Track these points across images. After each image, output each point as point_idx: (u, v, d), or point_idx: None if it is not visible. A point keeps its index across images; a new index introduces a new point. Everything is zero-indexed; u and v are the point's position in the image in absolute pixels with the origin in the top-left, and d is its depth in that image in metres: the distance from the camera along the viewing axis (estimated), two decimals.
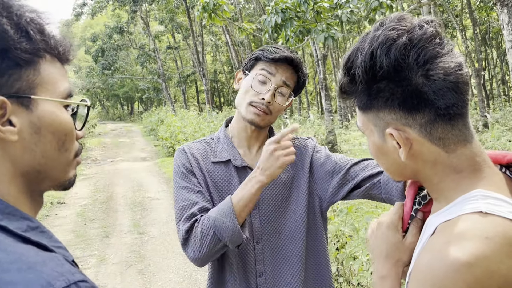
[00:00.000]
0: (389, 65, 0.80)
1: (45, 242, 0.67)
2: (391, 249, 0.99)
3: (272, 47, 1.54)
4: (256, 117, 1.50)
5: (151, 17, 30.91)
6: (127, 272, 5.24)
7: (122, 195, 9.42)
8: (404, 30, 0.81)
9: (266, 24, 5.64)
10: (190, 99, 41.03)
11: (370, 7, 5.37)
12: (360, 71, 0.83)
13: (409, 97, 0.80)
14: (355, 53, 0.86)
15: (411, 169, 0.89)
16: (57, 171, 0.77)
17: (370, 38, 0.83)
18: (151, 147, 18.34)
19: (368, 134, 0.92)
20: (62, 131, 0.75)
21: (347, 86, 0.89)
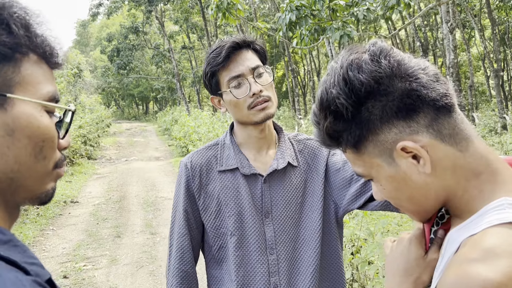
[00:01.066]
0: (368, 78, 0.77)
1: (17, 258, 0.59)
2: (410, 265, 0.89)
3: (212, 54, 1.44)
4: (264, 112, 1.42)
5: (166, 17, 31.05)
6: (138, 273, 5.19)
7: (135, 195, 9.41)
8: (360, 51, 0.81)
9: (280, 22, 5.54)
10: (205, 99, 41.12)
11: (387, 5, 5.24)
12: (342, 99, 0.78)
13: (401, 101, 0.76)
14: (326, 91, 0.81)
15: (435, 189, 0.79)
16: (32, 181, 0.69)
17: (332, 72, 0.82)
18: (165, 147, 18.38)
19: (377, 173, 0.83)
20: (39, 136, 0.67)
21: (334, 127, 0.82)
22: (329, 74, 0.83)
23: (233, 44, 1.41)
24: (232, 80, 1.41)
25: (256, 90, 1.40)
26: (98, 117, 21.25)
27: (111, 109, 33.00)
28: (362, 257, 3.96)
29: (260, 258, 1.43)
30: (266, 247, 1.43)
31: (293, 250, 1.44)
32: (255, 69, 1.42)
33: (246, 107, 1.41)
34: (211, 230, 1.48)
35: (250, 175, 1.46)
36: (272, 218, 1.44)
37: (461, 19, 20.80)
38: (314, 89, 30.20)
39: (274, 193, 1.46)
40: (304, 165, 1.51)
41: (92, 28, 49.48)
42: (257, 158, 1.49)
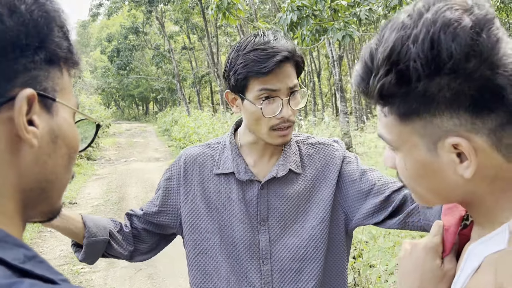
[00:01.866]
0: (461, 53, 0.61)
1: (47, 274, 0.52)
2: (427, 277, 0.81)
3: (254, 54, 1.25)
4: (283, 139, 1.30)
5: (166, 18, 31.01)
6: (136, 276, 5.13)
7: (134, 196, 9.35)
8: (463, 9, 0.62)
9: (282, 22, 5.49)
10: (205, 100, 41.08)
11: (390, 5, 5.18)
12: (419, 64, 0.62)
13: (481, 94, 0.62)
14: (402, 42, 0.64)
15: (463, 190, 0.70)
16: (56, 193, 0.64)
17: (422, 23, 0.63)
18: (165, 148, 18.32)
19: (408, 151, 0.72)
20: (74, 146, 0.64)
21: (391, 88, 0.66)
22: (412, 18, 0.65)
23: (283, 58, 1.24)
24: (266, 92, 1.26)
25: (287, 115, 1.27)
26: (98, 118, 21.22)
27: (111, 110, 32.98)
28: (363, 260, 3.90)
29: (252, 267, 1.34)
30: (260, 256, 1.34)
31: (291, 262, 1.34)
32: (293, 89, 1.28)
33: (268, 126, 1.29)
34: (193, 232, 1.39)
35: (245, 181, 1.37)
36: (268, 227, 1.35)
37: None
38: (314, 90, 30.17)
39: (272, 200, 1.36)
40: (312, 172, 1.40)
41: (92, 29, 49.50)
42: (258, 164, 1.40)
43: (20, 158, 0.56)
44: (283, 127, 1.28)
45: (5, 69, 0.54)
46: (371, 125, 21.77)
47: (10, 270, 0.49)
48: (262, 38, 1.27)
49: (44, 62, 0.59)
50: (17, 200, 0.58)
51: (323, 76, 34.76)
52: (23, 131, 0.54)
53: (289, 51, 1.25)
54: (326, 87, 37.21)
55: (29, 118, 0.56)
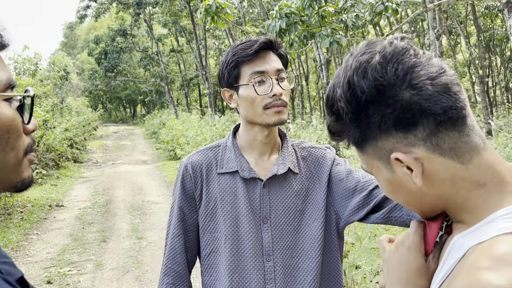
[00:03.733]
0: (370, 87, 0.75)
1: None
2: (412, 275, 0.87)
3: (241, 45, 1.44)
4: (278, 116, 1.40)
5: (154, 20, 30.93)
6: (124, 278, 5.14)
7: (122, 199, 9.33)
8: (375, 51, 0.77)
9: (271, 29, 5.55)
10: (193, 103, 41.00)
11: (376, 11, 5.28)
12: (343, 104, 0.78)
13: (401, 114, 0.74)
14: (333, 88, 0.81)
15: (431, 196, 0.79)
16: (5, 173, 0.68)
17: (343, 69, 0.79)
18: (153, 150, 18.28)
19: (376, 173, 0.83)
20: (3, 129, 0.66)
21: (335, 126, 0.82)
22: (341, 68, 0.81)
23: (266, 41, 1.41)
24: (256, 74, 1.40)
25: (278, 91, 1.39)
26: (85, 120, 21.06)
27: (98, 112, 32.72)
28: (349, 261, 3.97)
29: (256, 264, 1.41)
30: (263, 253, 1.41)
31: (290, 258, 1.42)
32: (279, 72, 1.43)
33: (262, 105, 1.40)
34: (205, 233, 1.46)
35: (249, 179, 1.44)
36: (270, 224, 1.42)
37: (447, 25, 21.07)
38: (302, 94, 30.31)
39: (273, 198, 1.44)
40: (307, 173, 1.49)
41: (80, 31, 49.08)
42: (258, 163, 1.48)
43: None
44: (276, 104, 1.39)
45: None
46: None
47: None
48: (248, 38, 1.46)
49: None
50: None
51: (311, 79, 34.94)
52: None
53: (270, 39, 1.42)
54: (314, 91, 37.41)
55: None
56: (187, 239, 1.48)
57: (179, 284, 1.46)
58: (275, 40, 1.45)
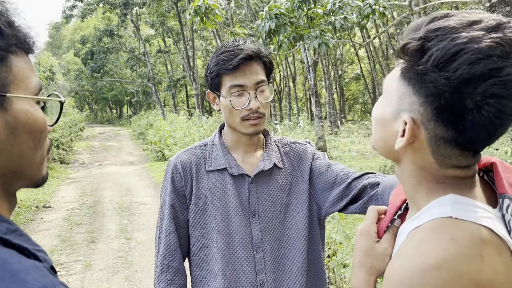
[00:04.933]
0: (462, 75, 0.70)
1: (25, 245, 0.63)
2: (362, 256, 0.95)
3: (224, 55, 1.44)
4: (254, 128, 1.47)
5: (141, 21, 30.79)
6: (113, 279, 5.14)
7: (110, 200, 9.29)
8: (506, 54, 0.70)
9: (260, 30, 5.61)
10: (180, 104, 40.88)
11: (363, 13, 5.36)
12: (436, 55, 0.72)
13: (450, 110, 0.73)
14: (447, 31, 0.73)
15: (395, 157, 0.86)
16: (32, 170, 0.73)
17: (472, 35, 0.71)
18: (140, 151, 18.19)
19: (386, 99, 0.85)
20: (37, 130, 0.71)
21: (412, 51, 0.76)
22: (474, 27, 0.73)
23: (246, 56, 1.42)
24: (234, 88, 1.44)
25: (254, 106, 1.43)
26: (71, 121, 20.90)
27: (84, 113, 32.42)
28: (338, 259, 4.03)
29: (247, 256, 1.46)
30: (253, 245, 1.47)
31: (278, 249, 1.49)
32: (259, 84, 1.45)
33: (240, 117, 1.45)
34: (196, 229, 1.51)
35: (237, 175, 1.50)
36: (258, 218, 1.49)
37: None
38: (289, 95, 30.42)
39: (261, 193, 1.50)
40: (290, 167, 1.56)
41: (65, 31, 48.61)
42: (245, 160, 1.54)
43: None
44: (252, 117, 1.45)
45: None
46: (345, 129, 22.13)
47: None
48: (233, 43, 1.48)
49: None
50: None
51: (298, 81, 35.11)
52: None
53: (253, 51, 1.43)
54: (301, 92, 37.59)
55: None
56: (180, 236, 1.52)
57: (177, 279, 1.50)
58: (258, 51, 1.46)
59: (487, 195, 0.81)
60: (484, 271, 0.68)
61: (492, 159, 0.85)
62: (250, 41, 1.49)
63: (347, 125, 23.80)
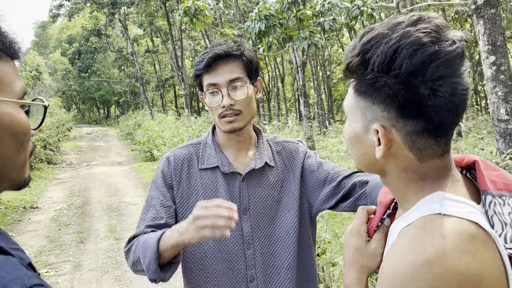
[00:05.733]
0: (408, 68, 0.76)
1: (1, 244, 0.65)
2: (353, 255, 0.98)
3: (201, 55, 1.50)
4: (231, 124, 1.49)
5: (129, 20, 30.61)
6: (103, 279, 5.13)
7: (98, 200, 9.25)
8: (436, 39, 0.77)
9: (250, 31, 5.64)
10: (168, 104, 40.71)
11: (352, 15, 5.43)
12: (377, 61, 0.78)
13: (410, 103, 0.79)
14: (379, 38, 0.80)
15: (379, 168, 0.89)
16: (14, 172, 0.75)
17: (402, 32, 0.78)
18: (128, 152, 18.11)
19: (351, 119, 0.90)
20: (21, 132, 0.73)
21: (356, 67, 0.83)
22: (399, 28, 0.80)
23: (215, 56, 1.46)
24: (209, 87, 1.48)
25: (227, 103, 1.46)
26: (58, 121, 20.71)
27: (72, 113, 32.12)
28: (327, 258, 4.08)
29: (238, 252, 1.50)
30: (244, 242, 1.50)
31: (268, 245, 1.52)
32: (233, 82, 1.48)
33: (216, 115, 1.49)
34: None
35: (229, 173, 1.53)
36: (249, 215, 1.52)
37: None
38: (278, 95, 30.48)
39: (252, 191, 1.53)
40: (281, 166, 1.60)
41: (52, 30, 48.09)
42: (237, 159, 1.57)
43: None
44: (227, 114, 1.48)
45: None
46: (333, 130, 22.24)
47: None
48: (215, 43, 1.54)
49: None
50: None
51: (286, 81, 35.20)
52: None
53: (223, 51, 1.47)
54: (290, 92, 37.69)
55: None
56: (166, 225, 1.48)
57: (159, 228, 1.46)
58: (228, 51, 1.47)
59: (471, 192, 0.85)
60: (473, 265, 0.71)
61: (474, 157, 0.90)
62: (230, 41, 1.53)
63: (335, 125, 23.91)
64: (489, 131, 14.70)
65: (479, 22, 6.25)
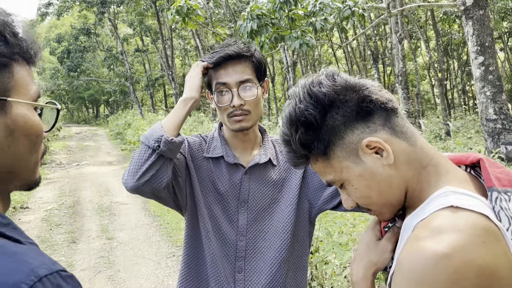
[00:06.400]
0: (329, 90, 0.93)
1: (18, 237, 0.68)
2: (363, 251, 1.04)
3: (212, 54, 1.53)
4: (239, 124, 1.52)
5: (119, 19, 30.43)
6: (96, 278, 5.12)
7: (89, 200, 9.21)
8: (316, 75, 0.98)
9: (242, 30, 5.67)
10: (158, 103, 40.52)
11: (343, 15, 5.48)
12: (311, 110, 0.92)
13: (358, 106, 0.92)
14: (293, 109, 0.96)
15: (397, 179, 0.93)
16: (27, 172, 0.77)
17: (296, 93, 0.97)
18: (118, 151, 18.01)
19: (347, 176, 0.95)
20: (34, 134, 0.76)
21: (305, 137, 0.95)
22: (291, 98, 0.97)
23: (226, 56, 1.49)
24: (218, 85, 1.51)
25: (237, 103, 1.49)
26: None
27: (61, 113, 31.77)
28: (320, 256, 4.13)
29: (231, 242, 1.53)
30: (238, 233, 1.54)
31: (262, 240, 1.55)
32: (243, 83, 1.50)
33: (226, 114, 1.52)
34: (189, 199, 1.56)
35: (233, 164, 1.57)
36: (247, 208, 1.55)
37: (408, 30, 21.76)
38: (268, 95, 30.53)
39: (253, 185, 1.57)
40: (285, 165, 1.63)
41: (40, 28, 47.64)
42: (242, 155, 1.61)
43: None
44: (236, 114, 1.50)
45: None
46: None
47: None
48: (225, 43, 1.58)
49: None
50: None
51: (277, 81, 35.25)
52: None
53: (236, 52, 1.50)
54: (280, 92, 37.74)
55: None
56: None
57: None
58: (239, 52, 1.51)
59: (477, 188, 0.89)
60: (487, 257, 0.74)
61: (478, 155, 0.94)
62: (240, 42, 1.56)
63: None
64: (477, 131, 14.88)
65: (468, 23, 6.35)
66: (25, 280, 0.56)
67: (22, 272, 0.57)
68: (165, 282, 4.99)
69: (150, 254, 5.74)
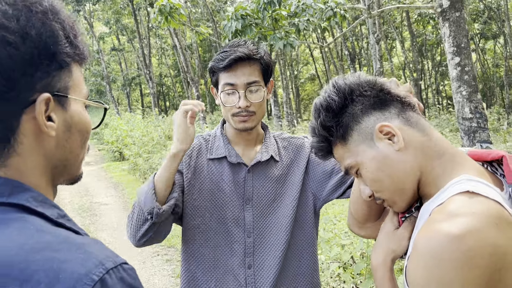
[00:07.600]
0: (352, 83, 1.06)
1: (76, 229, 0.71)
2: (382, 238, 1.11)
3: (221, 54, 1.56)
4: (243, 124, 1.56)
5: (95, 18, 30.00)
6: None
7: (69, 200, 9.09)
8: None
9: (226, 30, 5.71)
10: (134, 103, 40.09)
11: (325, 16, 5.58)
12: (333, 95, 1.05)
13: (377, 96, 1.03)
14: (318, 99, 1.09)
15: (410, 165, 0.99)
16: (76, 166, 0.81)
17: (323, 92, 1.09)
18: (95, 151, 17.79)
19: (361, 158, 1.03)
20: (85, 130, 0.80)
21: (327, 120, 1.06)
22: (321, 96, 1.09)
23: (236, 58, 1.51)
24: (226, 86, 1.54)
25: (243, 105, 1.53)
26: None
27: None
28: None
29: (238, 239, 1.57)
30: (245, 230, 1.58)
31: (269, 235, 1.59)
32: (250, 85, 1.55)
33: (231, 113, 1.56)
34: (191, 209, 1.59)
35: (236, 163, 1.61)
36: (252, 205, 1.59)
37: (384, 30, 22.15)
38: None
39: (256, 182, 1.61)
40: (287, 160, 1.67)
41: None
42: (244, 153, 1.64)
43: (45, 146, 0.74)
44: (241, 115, 1.55)
45: (26, 82, 0.70)
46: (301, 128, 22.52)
47: (49, 222, 0.69)
48: (234, 43, 1.59)
49: (55, 69, 0.74)
50: (48, 175, 0.76)
51: None
52: (43, 127, 0.71)
53: (246, 54, 1.53)
54: None
55: (48, 115, 0.72)
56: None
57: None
58: (248, 54, 1.53)
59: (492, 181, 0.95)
60: (500, 239, 0.80)
61: (501, 152, 1.00)
62: (250, 43, 1.59)
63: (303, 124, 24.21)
64: (451, 129, 15.26)
65: (444, 25, 6.53)
66: (95, 272, 0.59)
67: (92, 263, 0.60)
68: (150, 281, 4.99)
69: (135, 254, 5.72)
